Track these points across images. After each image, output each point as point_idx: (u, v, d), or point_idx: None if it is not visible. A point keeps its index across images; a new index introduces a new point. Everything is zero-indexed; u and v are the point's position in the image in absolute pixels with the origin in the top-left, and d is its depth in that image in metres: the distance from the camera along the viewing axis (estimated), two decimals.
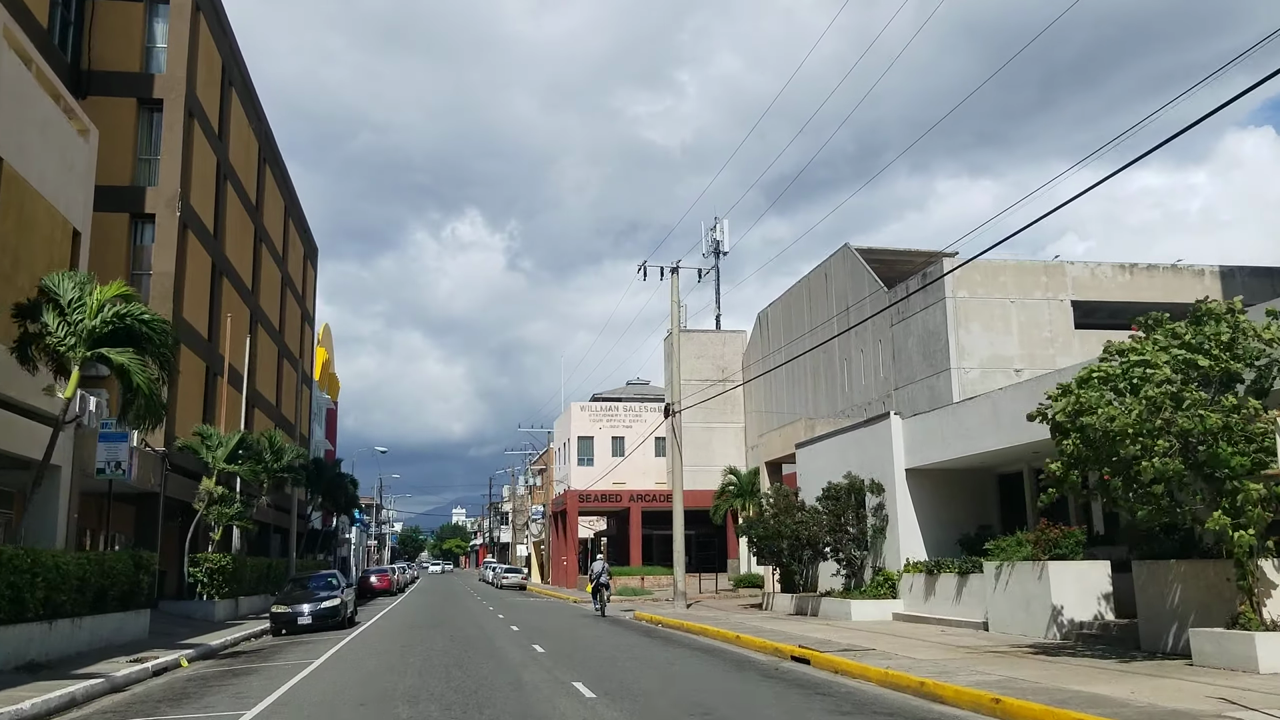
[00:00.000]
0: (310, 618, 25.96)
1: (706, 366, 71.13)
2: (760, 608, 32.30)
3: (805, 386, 58.74)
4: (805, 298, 58.51)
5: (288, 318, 50.50)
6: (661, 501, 60.11)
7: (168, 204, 31.06)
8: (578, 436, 72.99)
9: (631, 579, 48.14)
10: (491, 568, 76.56)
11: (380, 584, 52.94)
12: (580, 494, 59.66)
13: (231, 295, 37.98)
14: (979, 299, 43.99)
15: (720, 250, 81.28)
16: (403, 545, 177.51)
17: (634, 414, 73.85)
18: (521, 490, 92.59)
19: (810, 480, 31.48)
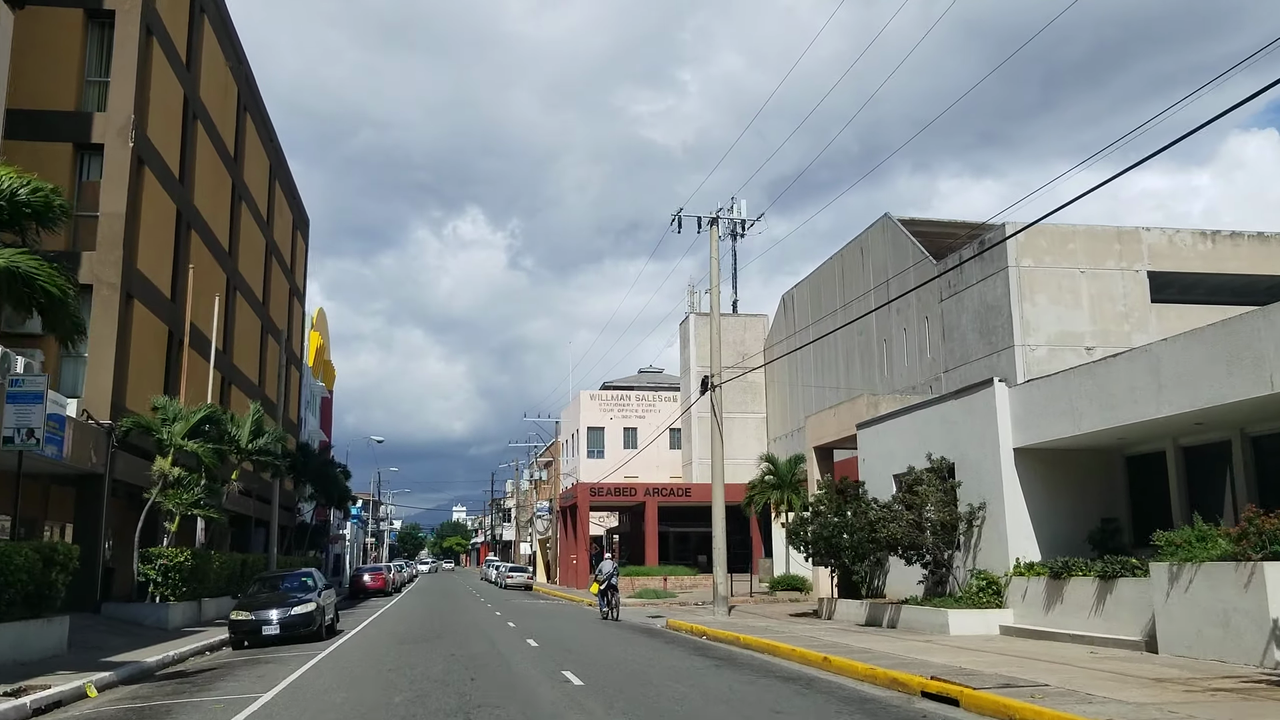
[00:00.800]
0: (278, 627, 20.84)
1: (726, 352, 65.82)
2: (817, 616, 27.19)
3: (837, 371, 53.62)
4: (837, 275, 53.40)
5: (274, 290, 45.39)
6: (680, 496, 55.02)
7: (119, 133, 25.95)
8: (587, 427, 67.91)
9: (651, 580, 43.07)
10: (494, 566, 71.41)
11: (374, 583, 47.84)
12: (591, 487, 54.57)
13: (202, 253, 32.87)
14: (1045, 268, 39.00)
15: (737, 232, 76.11)
16: (402, 543, 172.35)
17: (647, 404, 68.77)
18: (526, 485, 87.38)
19: (876, 466, 26.42)
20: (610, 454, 65.69)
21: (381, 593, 48.06)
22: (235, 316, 37.73)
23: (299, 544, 50.30)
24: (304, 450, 43.22)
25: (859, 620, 24.22)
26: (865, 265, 50.15)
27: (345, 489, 49.32)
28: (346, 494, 50.01)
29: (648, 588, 42.03)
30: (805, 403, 58.61)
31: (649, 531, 53.97)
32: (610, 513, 64.96)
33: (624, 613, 33.00)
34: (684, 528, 58.35)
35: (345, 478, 49.01)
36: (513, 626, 25.49)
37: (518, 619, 29.10)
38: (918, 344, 44.97)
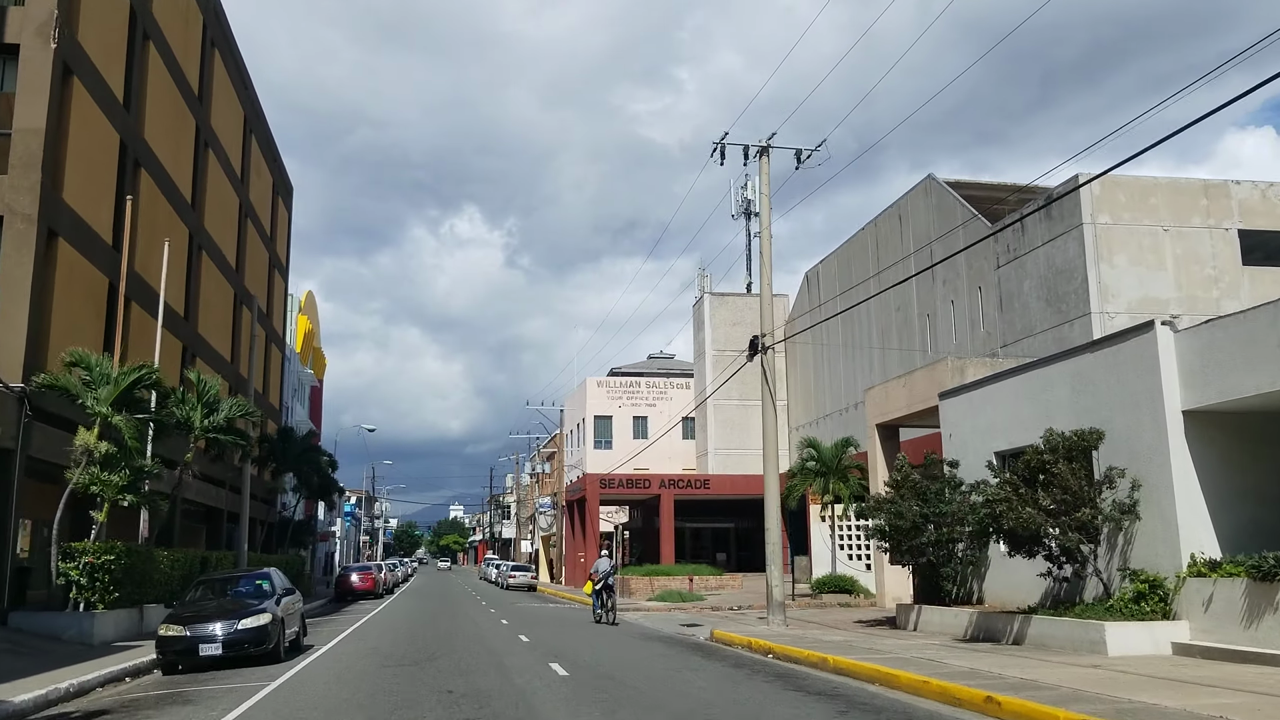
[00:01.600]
0: (221, 645, 15.69)
1: (743, 335, 60.74)
2: (894, 626, 22.10)
3: (869, 352, 48.55)
4: (870, 246, 48.34)
5: (250, 257, 40.22)
6: (698, 488, 49.93)
7: (39, 31, 20.80)
8: (594, 416, 62.80)
9: (671, 580, 37.99)
10: (495, 565, 66.23)
11: (362, 584, 42.66)
12: (601, 479, 49.45)
13: (156, 200, 27.72)
14: (1124, 226, 34.01)
15: (752, 210, 71.12)
16: (398, 541, 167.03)
17: (658, 391, 63.67)
18: (527, 479, 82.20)
19: (970, 442, 21.35)
20: (619, 444, 60.64)
21: (370, 595, 42.93)
22: (200, 279, 32.58)
23: (281, 541, 45.13)
24: (283, 435, 38.08)
25: (959, 633, 19.14)
26: (904, 233, 45.11)
27: (330, 479, 44.19)
28: (331, 485, 44.90)
29: (669, 589, 37.01)
30: (833, 387, 53.53)
31: (664, 527, 48.89)
32: (619, 507, 59.87)
33: (648, 620, 28.04)
34: (701, 523, 53.32)
35: (330, 467, 43.89)
36: (526, 641, 20.38)
37: (530, 629, 23.97)
38: (968, 316, 39.95)
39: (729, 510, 54.02)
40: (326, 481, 43.84)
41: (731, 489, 50.08)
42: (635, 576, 38.80)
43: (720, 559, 52.69)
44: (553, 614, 30.95)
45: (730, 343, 59.31)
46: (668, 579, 38.38)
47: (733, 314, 59.52)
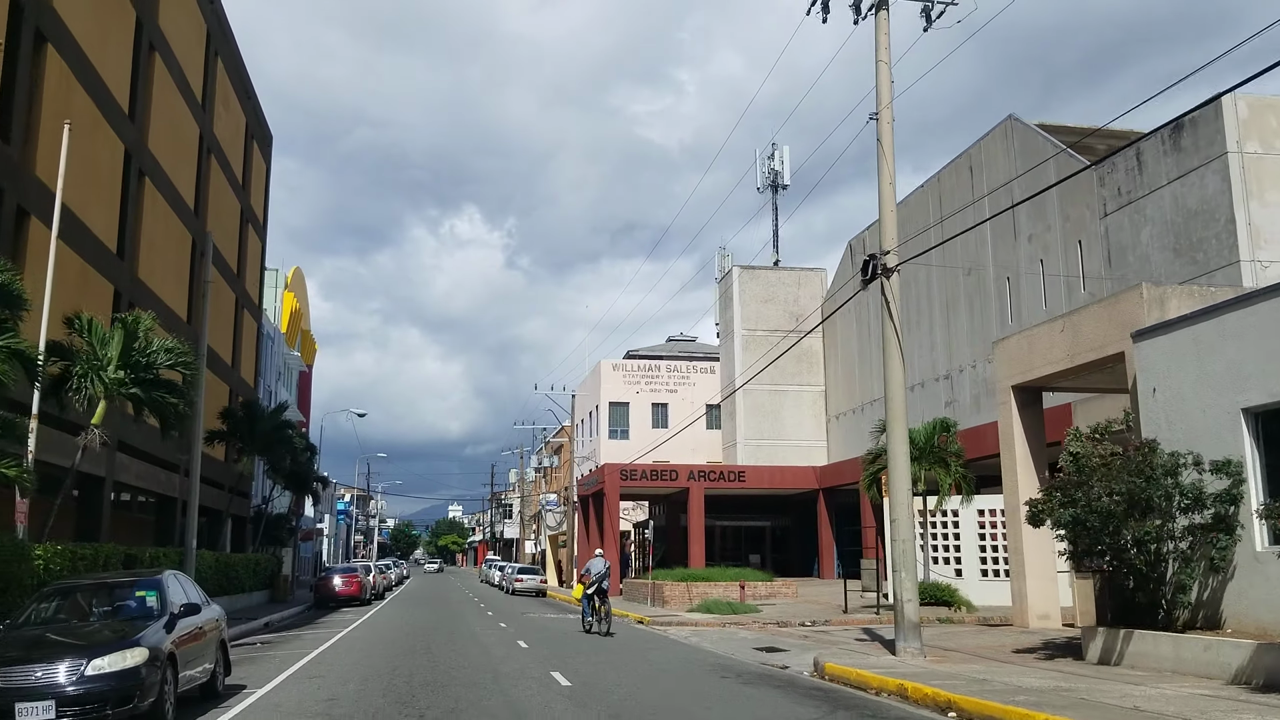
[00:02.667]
0: (57, 708, 8.99)
1: (776, 313, 54.28)
2: (1076, 656, 15.38)
3: (932, 326, 41.93)
4: (932, 205, 41.73)
5: (214, 201, 33.55)
6: (732, 481, 43.22)
7: None
8: (609, 402, 56.09)
9: (713, 587, 31.30)
10: (498, 567, 59.41)
11: (345, 589, 35.89)
12: (622, 469, 42.74)
13: (71, 89, 21.04)
14: (1277, 155, 27.65)
15: (779, 183, 64.54)
16: (395, 541, 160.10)
17: (680, 375, 56.97)
18: (532, 474, 75.44)
19: (1191, 400, 14.74)
20: (637, 434, 54.01)
21: (356, 601, 36.20)
22: (141, 212, 25.91)
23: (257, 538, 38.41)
24: (249, 409, 31.31)
25: (1219, 673, 12.48)
26: (977, 185, 38.54)
27: (307, 467, 37.51)
28: (309, 473, 38.20)
29: (709, 597, 30.38)
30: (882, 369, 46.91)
31: (693, 524, 42.21)
32: (638, 503, 53.20)
33: (702, 639, 21.50)
34: (732, 520, 46.66)
35: (308, 452, 37.19)
36: (566, 684, 13.64)
37: (562, 658, 17.20)
38: (1064, 276, 33.38)
39: (764, 507, 47.41)
40: (303, 469, 37.11)
41: (769, 482, 43.43)
42: (670, 583, 32.13)
43: (754, 561, 46.01)
44: (579, 630, 24.28)
45: (762, 321, 52.73)
46: (707, 585, 31.68)
47: (764, 289, 52.89)
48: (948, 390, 39.86)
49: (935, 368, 40.83)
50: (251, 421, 30.99)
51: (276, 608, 34.09)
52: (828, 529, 43.06)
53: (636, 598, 35.47)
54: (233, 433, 30.85)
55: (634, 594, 36.27)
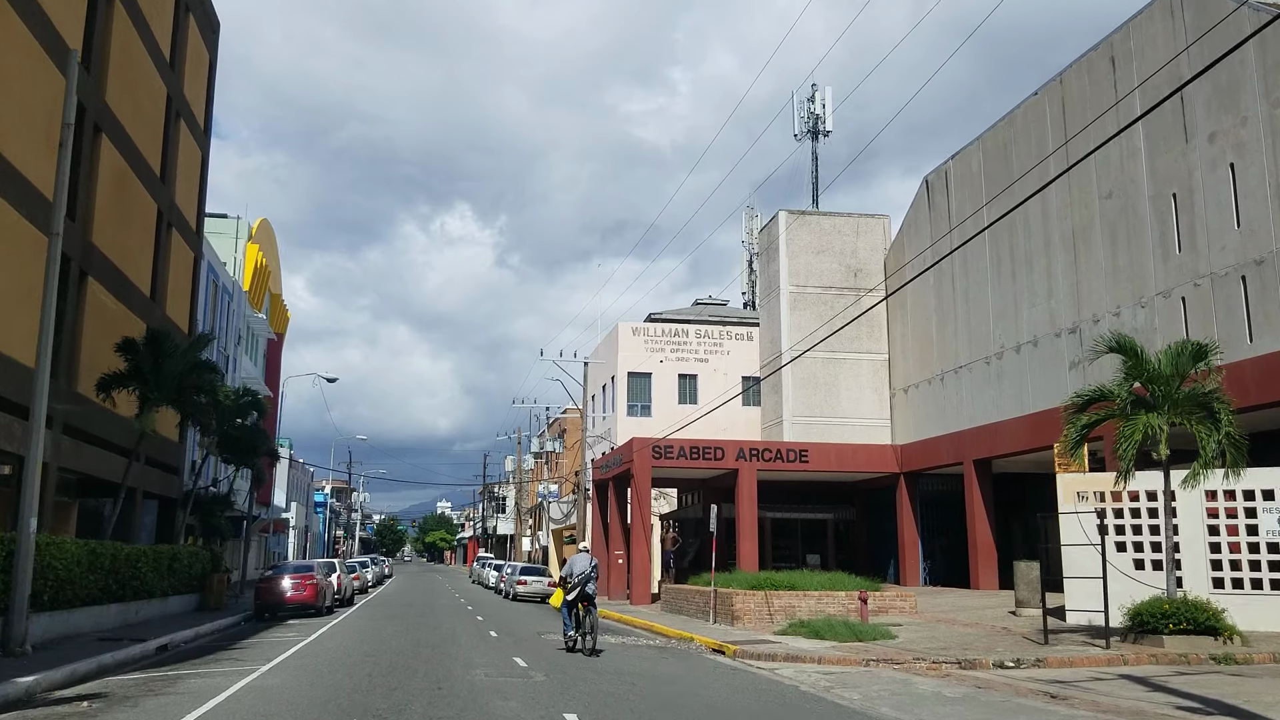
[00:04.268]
0: None
1: (831, 266, 44.95)
2: None
3: (1053, 268, 32.70)
4: (1047, 116, 32.65)
5: (118, 59, 24.03)
6: (791, 462, 33.87)
7: None
8: (627, 373, 46.63)
9: (801, 599, 22.01)
10: (492, 566, 49.89)
11: (297, 593, 26.34)
12: (655, 445, 33.35)
13: None
14: None
15: (820, 129, 55.32)
16: (380, 537, 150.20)
17: (712, 342, 47.57)
18: (531, 462, 65.87)
19: None
20: (661, 410, 44.65)
21: (310, 609, 26.67)
22: None
23: (179, 525, 28.93)
24: (154, 342, 21.76)
25: None
26: (1122, 82, 29.42)
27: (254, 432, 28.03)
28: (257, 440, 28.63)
29: (798, 612, 21.19)
30: (972, 328, 37.73)
31: (743, 516, 32.90)
32: (662, 490, 43.84)
33: (858, 689, 12.16)
34: (785, 511, 37.26)
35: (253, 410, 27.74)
36: None
37: None
38: (1274, 183, 24.32)
39: (824, 495, 38.06)
40: (246, 435, 27.62)
41: (838, 464, 34.11)
42: (741, 592, 22.79)
43: (813, 563, 36.67)
44: (651, 673, 14.90)
45: (814, 275, 43.43)
46: (795, 596, 22.37)
47: (817, 238, 43.59)
48: (1073, 348, 30.68)
49: (1055, 319, 31.65)
50: (157, 359, 21.47)
51: (202, 618, 24.66)
52: (911, 523, 33.77)
53: (687, 610, 26.12)
54: (133, 373, 21.33)
55: (681, 605, 26.90)
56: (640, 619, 25.84)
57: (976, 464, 30.14)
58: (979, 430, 30.69)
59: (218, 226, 50.37)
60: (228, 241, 50.51)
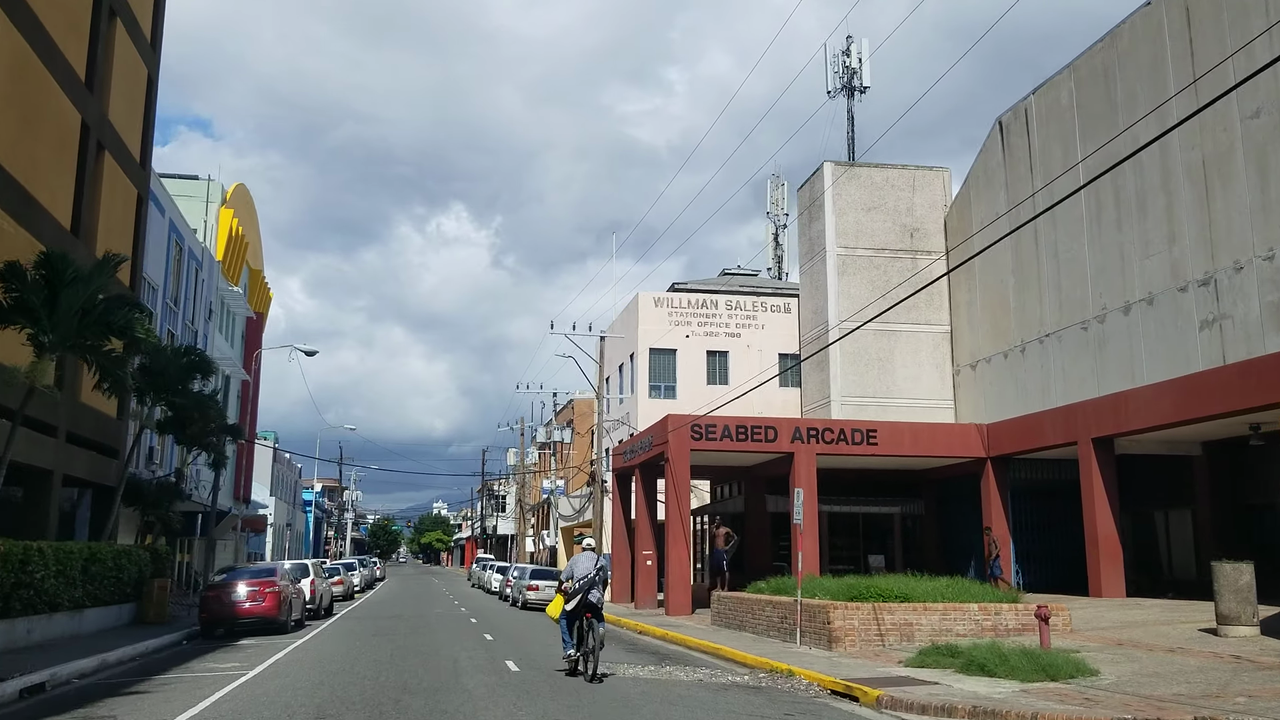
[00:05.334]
0: None
1: (883, 225, 39.00)
2: None
3: (1175, 209, 26.68)
4: (1173, 28, 26.99)
5: None
6: (858, 444, 27.85)
7: None
8: (649, 349, 40.64)
9: (922, 614, 16.19)
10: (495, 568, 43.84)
11: (253, 604, 20.30)
12: (695, 425, 27.38)
13: None
14: None
15: (856, 84, 49.43)
16: (374, 539, 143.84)
17: (745, 315, 41.60)
18: (535, 455, 59.79)
19: None
20: (687, 391, 38.73)
21: (272, 625, 20.68)
22: None
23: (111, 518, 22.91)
24: (49, 266, 15.74)
25: None
26: None
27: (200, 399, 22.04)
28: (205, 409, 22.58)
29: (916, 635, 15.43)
30: (1064, 290, 31.88)
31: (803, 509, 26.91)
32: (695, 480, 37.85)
33: None
34: (842, 504, 31.26)
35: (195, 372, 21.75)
36: None
37: None
38: None
39: (888, 486, 32.12)
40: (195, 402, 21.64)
41: (911, 446, 28.16)
42: (839, 604, 16.86)
43: (876, 564, 30.77)
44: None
45: (864, 235, 37.54)
46: (910, 610, 16.51)
47: (868, 193, 37.71)
48: (1208, 302, 24.86)
49: (1179, 270, 25.84)
50: (52, 291, 15.50)
51: (130, 637, 18.75)
52: (1001, 516, 27.83)
53: (753, 625, 20.14)
54: (18, 309, 15.38)
55: (743, 619, 20.93)
56: (688, 636, 19.93)
57: (1097, 444, 24.25)
58: (1100, 402, 24.81)
59: (186, 189, 44.44)
60: (197, 205, 44.58)
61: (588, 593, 13.62)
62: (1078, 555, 26.11)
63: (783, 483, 30.90)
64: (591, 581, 13.71)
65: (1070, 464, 27.97)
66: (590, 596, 13.60)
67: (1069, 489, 27.63)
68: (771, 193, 55.32)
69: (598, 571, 13.92)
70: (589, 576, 13.75)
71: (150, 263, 33.45)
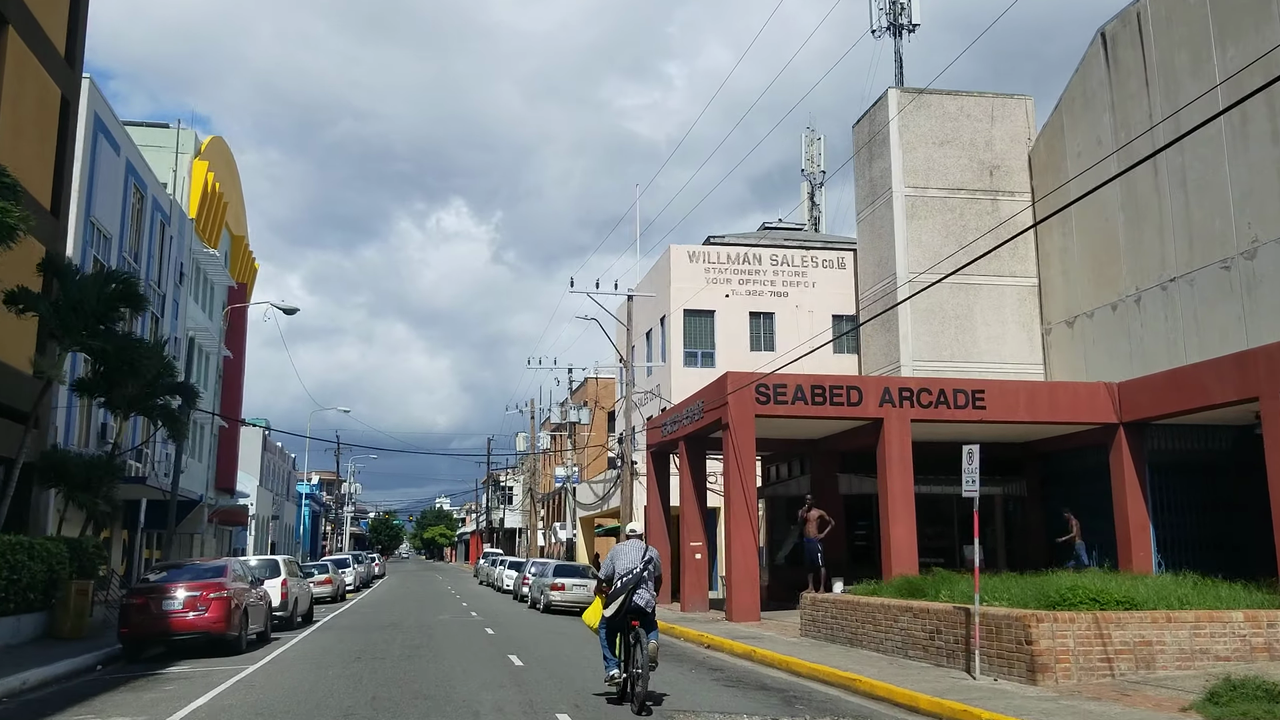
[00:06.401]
0: None
1: (959, 161, 33.12)
2: None
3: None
4: None
5: None
6: (962, 408, 22.07)
7: None
8: (683, 311, 34.94)
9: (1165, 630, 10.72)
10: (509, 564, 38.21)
11: (199, 617, 14.76)
12: (762, 386, 21.74)
13: None
14: None
15: (904, 21, 43.75)
16: (375, 534, 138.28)
17: (793, 272, 35.85)
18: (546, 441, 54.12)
19: None
20: (727, 359, 33.04)
21: (224, 643, 15.10)
22: None
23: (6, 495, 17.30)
24: None
25: None
26: None
27: (126, 342, 16.45)
28: (138, 357, 16.95)
29: (1156, 661, 9.99)
30: (1192, 222, 26.34)
31: (894, 488, 21.33)
32: None
33: None
34: (936, 484, 25.51)
35: (121, 302, 16.21)
36: None
37: None
38: None
39: (989, 462, 26.48)
40: (120, 346, 16.08)
41: (1028, 410, 22.47)
42: (1040, 614, 11.29)
43: (970, 556, 25.21)
44: None
45: (936, 174, 31.88)
46: (1144, 623, 10.98)
47: (940, 124, 32.06)
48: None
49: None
50: None
51: (26, 659, 13.26)
52: (1138, 496, 22.19)
53: (873, 641, 14.49)
54: None
55: (855, 631, 15.28)
56: (785, 654, 14.36)
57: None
58: None
59: (153, 137, 38.80)
60: (166, 156, 38.88)
61: (633, 593, 10.34)
62: (1243, 543, 20.56)
63: (858, 458, 25.29)
64: (638, 578, 10.41)
65: (1223, 431, 22.44)
66: (636, 598, 10.36)
67: (1221, 462, 22.11)
68: (806, 148, 49.67)
69: (645, 565, 10.51)
70: (634, 572, 10.43)
71: (101, 206, 27.92)
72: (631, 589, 10.32)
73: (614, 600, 10.37)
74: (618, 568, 10.57)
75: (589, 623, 11.12)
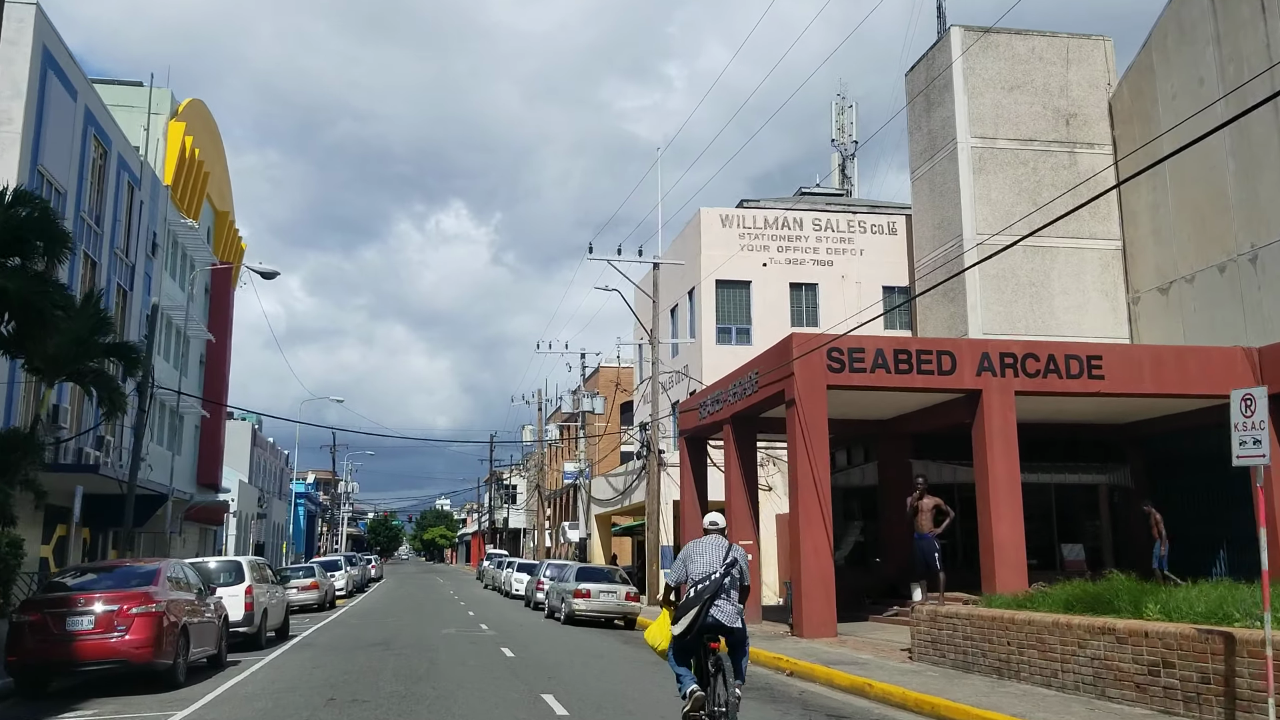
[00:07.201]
0: None
1: (1031, 109, 28.50)
2: None
3: None
4: None
5: None
6: (1075, 378, 17.83)
7: None
8: (715, 281, 30.79)
9: None
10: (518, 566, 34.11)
11: (119, 640, 10.74)
12: (836, 351, 17.71)
13: None
14: None
15: None
16: (374, 535, 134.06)
17: (838, 238, 31.58)
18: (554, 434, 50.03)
19: None
20: (765, 335, 28.90)
21: (148, 677, 11.06)
22: None
23: None
24: None
25: None
26: None
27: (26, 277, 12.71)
28: (40, 296, 13.17)
29: None
30: None
31: (997, 474, 17.31)
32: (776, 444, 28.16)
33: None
34: (1036, 472, 21.34)
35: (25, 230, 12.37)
36: None
37: None
38: None
39: (1088, 446, 22.36)
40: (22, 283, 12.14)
41: (1154, 381, 18.39)
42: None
43: (1072, 555, 21.13)
44: None
45: (1006, 123, 27.74)
46: None
47: (1009, 67, 28.04)
48: None
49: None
50: None
51: None
52: None
53: (1055, 679, 10.28)
54: None
55: (1009, 660, 11.14)
56: (892, 684, 10.36)
57: None
58: None
59: (123, 96, 34.72)
60: (138, 116, 34.70)
61: (709, 605, 7.90)
62: None
63: (938, 442, 21.30)
64: (718, 586, 7.97)
65: None
66: (715, 612, 7.93)
67: None
68: (836, 117, 45.71)
69: (728, 569, 8.06)
70: (712, 577, 7.98)
71: (52, 155, 23.97)
72: (708, 600, 7.91)
73: (684, 614, 7.93)
74: (691, 571, 8.12)
75: (652, 643, 8.56)
